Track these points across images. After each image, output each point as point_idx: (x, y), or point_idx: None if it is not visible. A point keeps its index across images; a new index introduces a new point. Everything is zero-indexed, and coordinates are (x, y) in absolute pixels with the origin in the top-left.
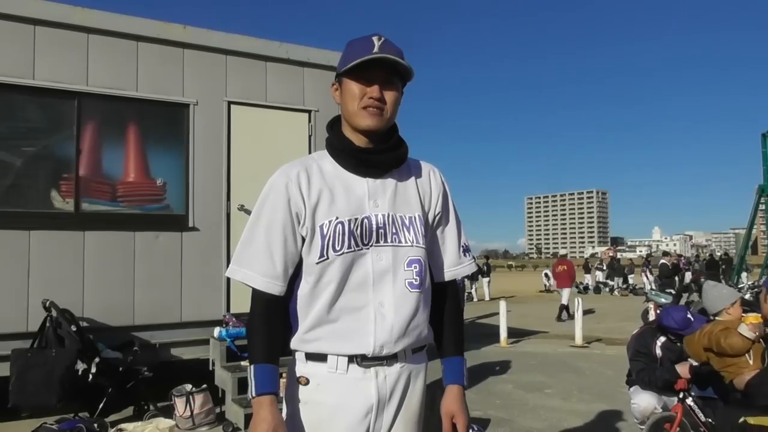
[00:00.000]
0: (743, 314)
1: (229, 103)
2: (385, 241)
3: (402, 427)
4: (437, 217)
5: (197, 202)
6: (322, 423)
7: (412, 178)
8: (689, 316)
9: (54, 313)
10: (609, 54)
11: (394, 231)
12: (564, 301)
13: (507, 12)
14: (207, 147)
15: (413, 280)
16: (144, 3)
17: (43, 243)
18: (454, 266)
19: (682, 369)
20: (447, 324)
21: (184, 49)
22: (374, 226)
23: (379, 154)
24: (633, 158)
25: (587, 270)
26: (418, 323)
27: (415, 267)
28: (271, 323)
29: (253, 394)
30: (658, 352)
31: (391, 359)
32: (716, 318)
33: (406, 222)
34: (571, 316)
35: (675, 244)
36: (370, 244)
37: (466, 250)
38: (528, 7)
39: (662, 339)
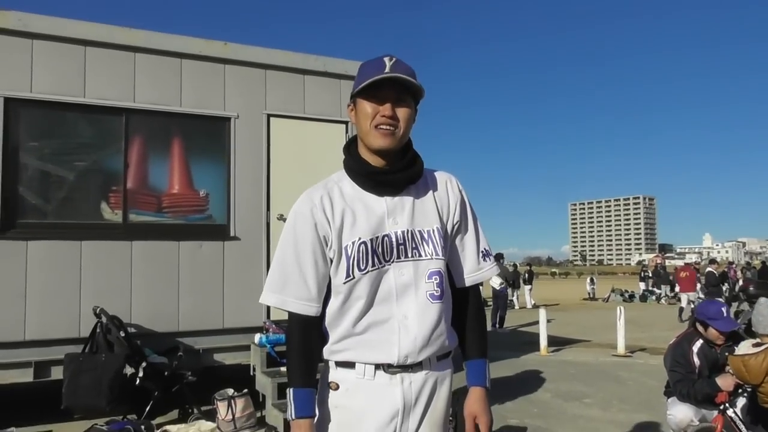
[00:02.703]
0: None
1: (269, 115)
2: (406, 256)
3: (428, 431)
4: (456, 226)
5: (238, 212)
6: (350, 426)
7: (430, 192)
8: (723, 310)
9: (104, 319)
10: (655, 55)
11: (413, 246)
12: (684, 304)
13: (551, 18)
14: (247, 159)
15: (434, 292)
16: (186, 21)
17: (94, 253)
18: (474, 272)
19: (724, 382)
20: (469, 328)
21: (225, 65)
22: (394, 243)
23: (395, 174)
24: (682, 162)
25: (641, 278)
26: (440, 332)
27: (436, 279)
28: (308, 345)
29: (293, 417)
30: (696, 360)
31: (416, 366)
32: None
33: (425, 236)
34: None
35: (727, 251)
36: (391, 260)
37: (486, 255)
38: (578, 12)
39: (698, 344)
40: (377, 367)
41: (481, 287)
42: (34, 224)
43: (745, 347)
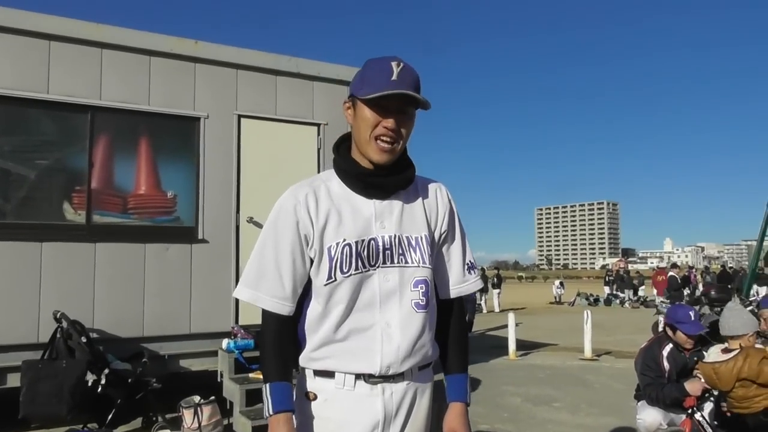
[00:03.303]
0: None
1: (240, 116)
2: (392, 262)
3: None
4: (443, 235)
5: (207, 215)
6: None
7: (419, 199)
8: (691, 314)
9: (65, 324)
10: (618, 64)
11: (400, 252)
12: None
13: (517, 22)
14: (217, 160)
15: (419, 301)
16: (156, 18)
17: (55, 254)
18: (459, 284)
19: (692, 386)
20: (452, 341)
21: (195, 64)
22: (381, 248)
23: (386, 177)
24: (644, 169)
25: (606, 283)
26: (424, 343)
27: (422, 287)
28: (282, 342)
29: (270, 413)
30: (666, 364)
31: (397, 377)
32: (734, 340)
33: (413, 242)
34: None
35: (687, 256)
36: (377, 265)
37: (471, 267)
38: (537, 19)
39: (668, 348)
40: (358, 377)
41: None
42: None
43: (714, 354)
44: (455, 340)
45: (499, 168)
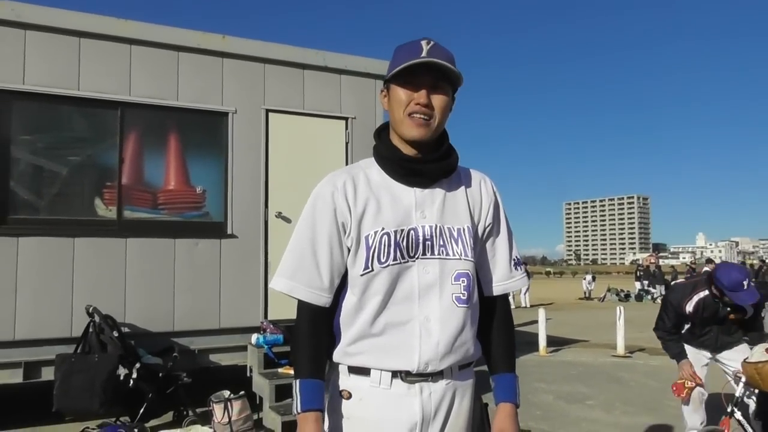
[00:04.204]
0: None
1: (267, 111)
2: (432, 253)
3: None
4: (487, 229)
5: (236, 210)
6: None
7: (462, 188)
8: (744, 282)
9: (97, 318)
10: (651, 54)
11: (441, 243)
12: None
13: (550, 11)
14: (245, 155)
15: (461, 295)
16: (184, 14)
17: (87, 250)
18: (505, 280)
19: (683, 366)
20: (497, 340)
21: (223, 59)
22: (421, 238)
23: (427, 164)
24: (676, 162)
25: (637, 278)
26: (464, 340)
27: (463, 281)
28: (316, 336)
29: (299, 410)
30: (690, 309)
31: (436, 375)
32: None
33: (455, 234)
34: None
35: (720, 251)
36: (416, 256)
37: (518, 263)
38: (575, 6)
39: (702, 294)
40: (394, 374)
41: None
42: (25, 220)
43: (758, 353)
44: (501, 338)
45: (527, 162)
